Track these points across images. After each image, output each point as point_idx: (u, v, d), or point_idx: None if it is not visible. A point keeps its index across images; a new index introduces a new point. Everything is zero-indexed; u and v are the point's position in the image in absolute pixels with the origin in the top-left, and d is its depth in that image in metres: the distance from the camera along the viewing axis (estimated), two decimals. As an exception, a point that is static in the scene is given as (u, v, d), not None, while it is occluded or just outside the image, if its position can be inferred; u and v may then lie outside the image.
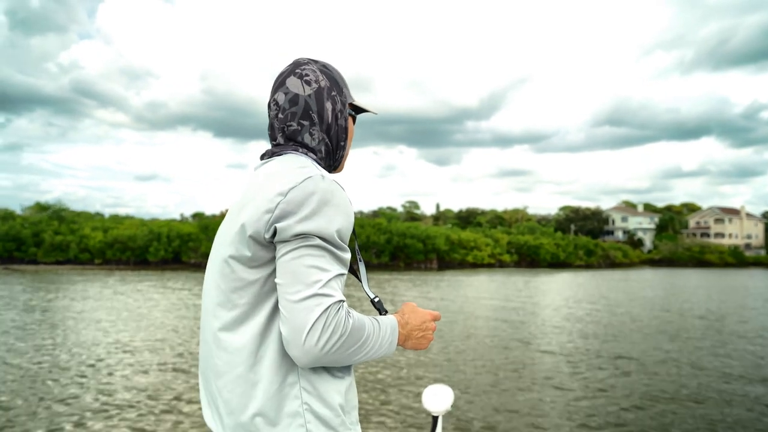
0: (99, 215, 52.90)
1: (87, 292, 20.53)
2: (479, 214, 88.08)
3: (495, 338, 11.42)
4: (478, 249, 52.40)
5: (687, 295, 24.38)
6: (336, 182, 1.11)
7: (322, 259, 1.02)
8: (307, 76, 1.23)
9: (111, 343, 9.99)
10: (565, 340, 11.30)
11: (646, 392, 7.39)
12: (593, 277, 37.88)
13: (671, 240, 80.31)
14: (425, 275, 35.88)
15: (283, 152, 1.22)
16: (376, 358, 1.12)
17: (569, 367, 8.79)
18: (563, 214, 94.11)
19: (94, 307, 15.79)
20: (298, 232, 1.02)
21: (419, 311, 1.23)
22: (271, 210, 1.04)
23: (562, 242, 59.80)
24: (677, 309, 18.15)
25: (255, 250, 1.07)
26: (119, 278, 27.93)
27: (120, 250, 39.87)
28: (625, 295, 23.55)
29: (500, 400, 6.88)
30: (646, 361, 9.40)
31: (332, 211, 1.06)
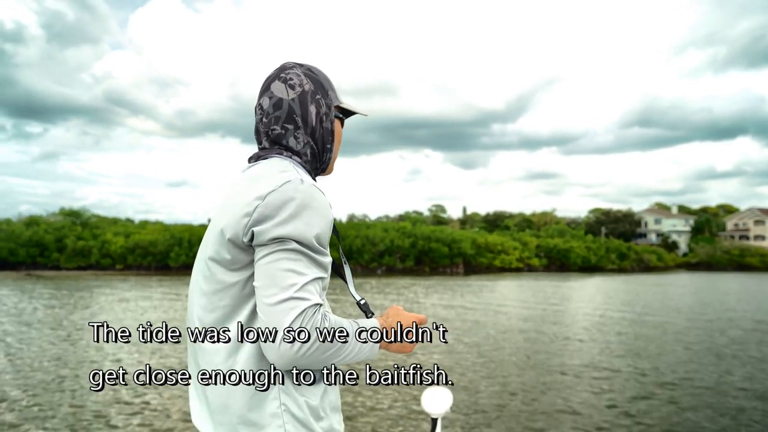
0: (128, 220, 52.98)
1: (88, 300, 19.86)
2: (507, 217, 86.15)
3: (514, 355, 10.06)
4: (505, 253, 50.77)
5: (730, 302, 22.52)
6: (315, 186, 1.11)
7: (298, 262, 1.03)
8: (291, 80, 1.24)
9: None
10: (597, 359, 9.81)
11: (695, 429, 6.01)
12: (627, 282, 35.99)
13: (708, 243, 77.44)
14: (450, 280, 34.55)
15: (268, 156, 1.22)
16: (358, 361, 1.12)
17: (600, 397, 7.34)
18: (593, 216, 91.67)
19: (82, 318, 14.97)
20: (275, 236, 1.04)
21: (404, 314, 1.21)
22: (250, 214, 1.06)
23: (593, 245, 57.72)
24: (722, 318, 16.49)
25: (234, 254, 1.08)
26: (134, 284, 27.35)
27: (141, 256, 39.59)
28: (662, 302, 21.86)
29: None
30: (692, 386, 7.93)
31: (310, 215, 1.07)
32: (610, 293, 25.87)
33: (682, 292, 28.11)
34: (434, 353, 9.76)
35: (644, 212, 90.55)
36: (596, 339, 11.85)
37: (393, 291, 23.91)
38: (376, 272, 43.47)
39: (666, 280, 40.63)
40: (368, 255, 44.16)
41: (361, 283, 29.56)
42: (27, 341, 10.64)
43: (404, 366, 1.31)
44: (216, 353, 1.11)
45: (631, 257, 59.44)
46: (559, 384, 7.74)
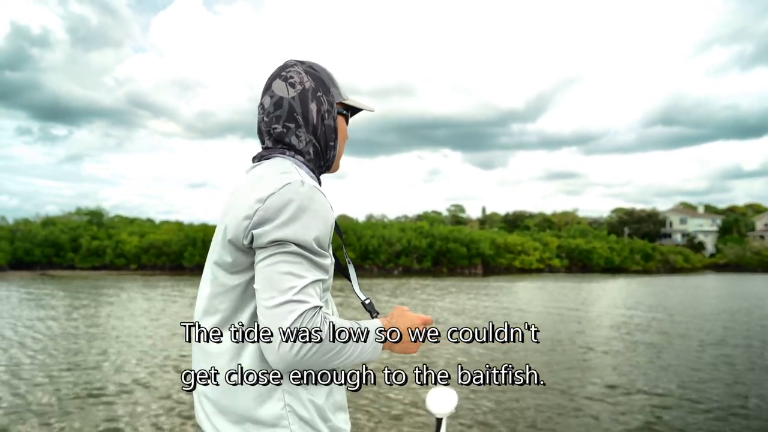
0: (149, 220, 52.88)
1: (84, 301, 19.34)
2: (527, 217, 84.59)
3: (528, 369, 9.13)
4: (525, 253, 49.51)
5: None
6: (316, 188, 1.11)
7: (298, 265, 1.04)
8: (291, 78, 1.24)
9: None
10: (626, 378, 8.63)
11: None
12: (653, 284, 34.49)
13: (737, 243, 75.08)
14: (468, 281, 33.51)
15: (271, 156, 1.22)
16: (360, 362, 1.12)
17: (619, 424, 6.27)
18: (616, 216, 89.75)
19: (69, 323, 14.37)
20: (274, 239, 1.04)
21: (408, 315, 1.21)
22: (250, 216, 1.06)
23: (617, 246, 56.11)
24: (765, 327, 15.25)
25: (236, 256, 1.09)
26: (144, 283, 26.90)
27: (155, 255, 39.36)
28: (693, 306, 20.56)
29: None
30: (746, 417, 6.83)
31: (310, 218, 1.07)
32: (636, 296, 24.60)
33: (712, 295, 26.62)
34: (441, 356, 8.84)
35: (669, 212, 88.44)
36: (623, 352, 10.80)
37: (405, 292, 23.00)
38: (393, 273, 42.60)
39: (694, 281, 38.97)
40: (385, 255, 43.33)
41: (372, 284, 28.71)
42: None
43: (497, 366, 1.20)
44: (217, 356, 1.12)
45: (657, 258, 57.68)
46: (581, 412, 6.68)
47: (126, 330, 12.19)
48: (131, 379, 7.51)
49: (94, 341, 10.64)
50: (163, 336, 11.35)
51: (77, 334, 11.47)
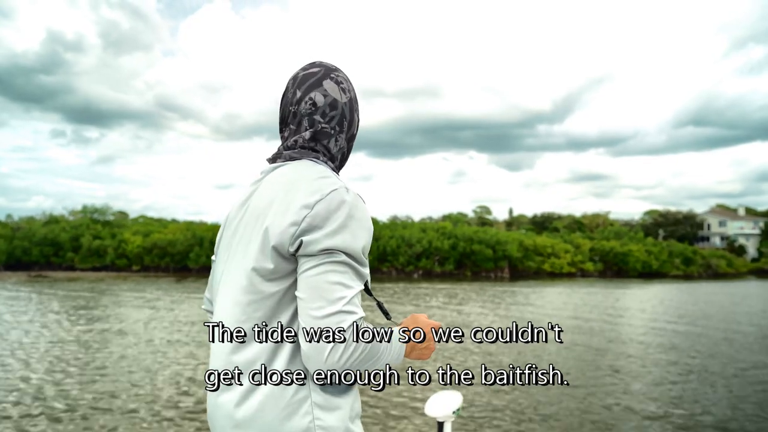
0: (160, 219, 50.75)
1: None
2: (556, 219, 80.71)
3: (544, 403, 6.09)
4: (556, 256, 45.96)
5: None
6: (359, 195, 1.10)
7: (346, 275, 1.02)
8: (342, 83, 1.23)
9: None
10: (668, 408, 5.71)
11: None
12: (697, 291, 30.81)
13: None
14: (493, 286, 30.28)
15: (297, 158, 1.19)
16: (388, 365, 1.12)
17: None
18: (650, 218, 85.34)
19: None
20: (325, 248, 1.02)
21: (422, 321, 1.21)
22: (297, 223, 1.03)
23: (654, 249, 52.11)
24: None
25: (277, 263, 1.05)
26: (132, 286, 24.33)
27: (159, 256, 36.98)
28: (750, 320, 17.14)
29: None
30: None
31: (357, 226, 1.05)
32: (681, 305, 21.14)
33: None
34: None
35: (707, 214, 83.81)
36: (665, 378, 7.65)
37: (413, 298, 19.96)
38: (413, 276, 39.54)
39: (741, 289, 35.09)
40: (404, 257, 40.23)
41: (384, 287, 25.72)
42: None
43: (520, 366, 1.13)
44: (245, 366, 1.08)
45: (698, 262, 53.57)
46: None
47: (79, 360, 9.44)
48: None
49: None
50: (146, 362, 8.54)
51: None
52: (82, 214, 42.94)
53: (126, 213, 63.66)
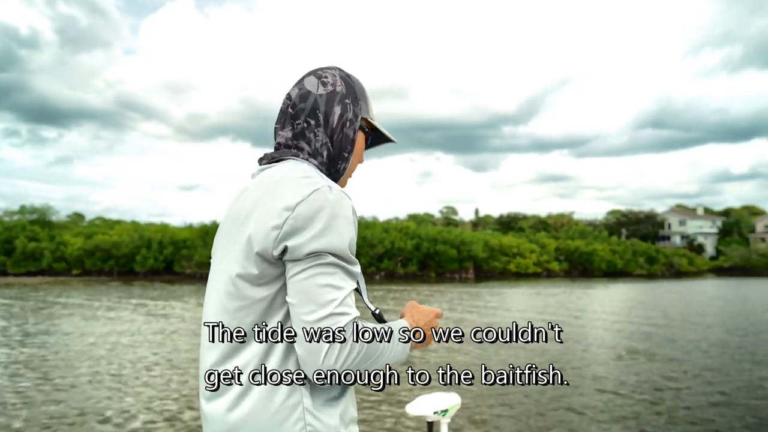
0: (134, 222, 47.69)
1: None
2: (521, 219, 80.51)
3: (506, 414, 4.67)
4: (521, 256, 45.14)
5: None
6: (344, 192, 1.08)
7: (335, 276, 1.00)
8: (325, 78, 1.21)
9: None
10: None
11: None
12: (662, 290, 30.20)
13: (740, 245, 71.67)
14: (457, 287, 28.98)
15: (283, 158, 1.17)
16: (392, 363, 1.12)
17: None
18: (613, 218, 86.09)
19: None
20: (311, 251, 0.99)
21: (423, 309, 1.21)
22: (279, 226, 1.00)
23: (619, 248, 52.00)
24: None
25: (262, 268, 1.03)
26: (59, 294, 21.95)
27: (102, 259, 34.38)
28: (724, 326, 16.21)
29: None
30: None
31: (342, 225, 1.03)
32: (648, 306, 20.21)
33: (742, 308, 22.33)
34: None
35: (668, 213, 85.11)
36: (634, 387, 6.32)
37: (372, 300, 18.41)
38: (374, 278, 37.99)
39: (705, 287, 34.80)
40: (365, 259, 38.59)
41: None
42: None
43: (519, 366, 1.45)
44: (243, 356, 1.06)
45: (661, 261, 53.76)
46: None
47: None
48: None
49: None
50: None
51: None
52: (19, 215, 39.83)
53: (82, 215, 60.47)
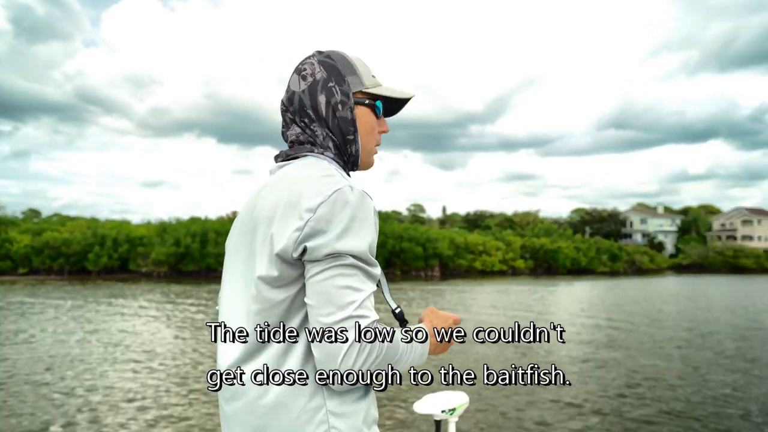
0: (93, 219, 45.47)
1: None
2: (488, 217, 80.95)
3: None
4: (487, 254, 45.09)
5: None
6: (365, 192, 1.06)
7: (354, 278, 0.99)
8: (304, 70, 1.18)
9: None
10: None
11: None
12: (625, 287, 30.44)
13: (698, 243, 73.59)
14: (422, 286, 28.56)
15: (300, 154, 1.15)
16: (410, 367, 1.11)
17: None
18: (577, 216, 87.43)
19: None
20: (330, 252, 0.98)
21: (442, 315, 1.22)
22: (300, 228, 0.99)
23: (583, 246, 52.54)
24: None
25: (282, 269, 1.01)
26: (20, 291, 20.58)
27: (51, 257, 32.70)
28: (693, 323, 16.18)
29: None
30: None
31: (363, 227, 1.01)
32: (613, 306, 20.15)
33: (705, 305, 22.52)
34: None
35: (630, 212, 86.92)
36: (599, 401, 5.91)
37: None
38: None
39: (666, 284, 35.33)
40: (330, 256, 37.79)
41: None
42: None
43: (521, 366, 1.25)
44: (246, 355, 1.05)
45: (623, 258, 54.59)
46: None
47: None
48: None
49: None
50: None
51: None
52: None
53: (38, 211, 57.80)
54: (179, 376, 7.43)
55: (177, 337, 10.95)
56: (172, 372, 7.70)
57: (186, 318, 14.07)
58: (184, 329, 12.02)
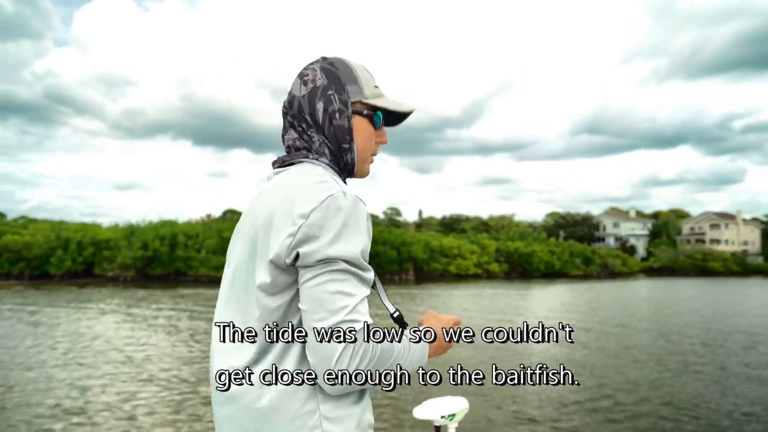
0: (61, 221, 43.83)
1: None
2: (464, 220, 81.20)
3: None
4: (462, 257, 44.98)
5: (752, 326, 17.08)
6: (358, 198, 1.06)
7: (347, 283, 1.00)
8: (306, 76, 1.19)
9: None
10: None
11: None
12: (599, 291, 30.59)
13: (669, 246, 74.93)
14: (396, 289, 28.23)
15: (296, 160, 1.16)
16: (411, 368, 1.11)
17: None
18: (551, 220, 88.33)
19: None
20: (323, 258, 0.99)
21: (442, 318, 1.24)
22: (293, 234, 1.00)
23: (557, 249, 52.88)
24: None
25: (275, 276, 1.03)
26: None
27: (10, 261, 31.45)
28: (664, 328, 16.18)
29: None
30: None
31: (355, 232, 1.02)
32: (589, 311, 20.12)
33: (680, 309, 22.67)
34: None
35: (602, 215, 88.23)
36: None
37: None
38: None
39: (638, 288, 35.70)
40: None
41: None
42: None
43: (530, 366, 1.51)
44: (255, 355, 1.06)
45: (596, 262, 55.13)
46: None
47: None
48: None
49: None
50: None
51: None
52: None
53: (3, 214, 56.12)
54: (126, 379, 6.93)
55: (128, 343, 10.40)
56: (117, 377, 7.19)
57: (147, 323, 13.47)
58: (138, 330, 11.45)
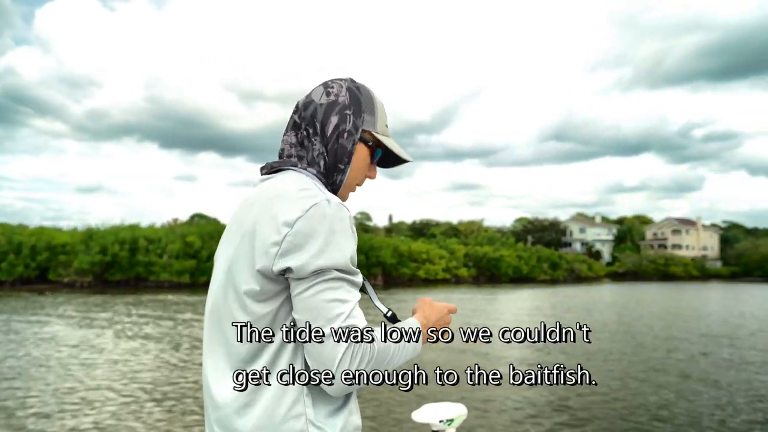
0: (20, 225, 41.82)
1: None
2: (434, 225, 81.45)
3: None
4: (431, 262, 44.89)
5: (720, 326, 17.31)
6: (342, 204, 1.07)
7: (341, 290, 1.02)
8: (331, 88, 1.21)
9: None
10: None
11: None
12: (566, 295, 30.83)
13: (633, 252, 76.51)
14: (363, 294, 27.79)
15: (283, 167, 1.17)
16: (406, 362, 1.14)
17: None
18: (520, 225, 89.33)
19: None
20: (315, 269, 1.00)
21: (436, 305, 1.25)
22: (278, 243, 1.01)
23: (524, 254, 53.36)
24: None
25: (263, 284, 1.04)
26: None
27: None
28: (632, 329, 16.25)
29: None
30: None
31: (342, 239, 1.03)
32: (559, 316, 20.14)
33: (643, 312, 22.91)
34: None
35: (570, 221, 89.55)
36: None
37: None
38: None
39: (603, 292, 36.14)
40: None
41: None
42: None
43: (548, 366, 1.20)
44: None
45: (563, 267, 55.83)
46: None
47: None
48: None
49: None
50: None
51: None
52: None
53: None
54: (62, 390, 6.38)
55: (69, 352, 9.77)
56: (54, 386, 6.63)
57: (93, 330, 12.77)
58: (89, 334, 10.80)
